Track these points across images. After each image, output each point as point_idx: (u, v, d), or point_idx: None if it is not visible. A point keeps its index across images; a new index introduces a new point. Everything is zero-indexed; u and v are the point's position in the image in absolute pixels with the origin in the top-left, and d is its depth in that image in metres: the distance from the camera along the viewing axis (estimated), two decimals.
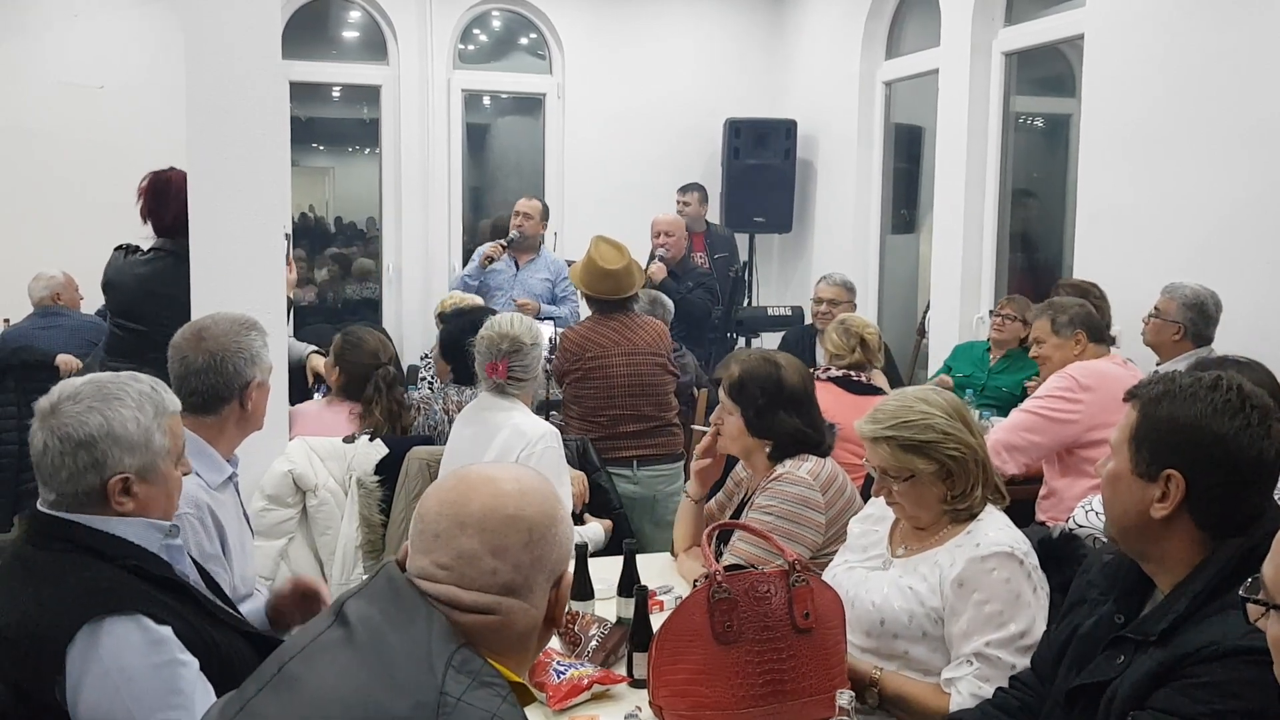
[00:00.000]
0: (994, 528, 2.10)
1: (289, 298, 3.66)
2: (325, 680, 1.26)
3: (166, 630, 1.73)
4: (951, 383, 4.85)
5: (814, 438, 2.71)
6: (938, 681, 2.07)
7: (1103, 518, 2.64)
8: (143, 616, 1.71)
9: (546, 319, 4.64)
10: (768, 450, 2.68)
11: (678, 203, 6.55)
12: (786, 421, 2.66)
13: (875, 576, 2.20)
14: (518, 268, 5.68)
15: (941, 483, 2.12)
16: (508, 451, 3.01)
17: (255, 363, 2.40)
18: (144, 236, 3.81)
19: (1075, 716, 1.69)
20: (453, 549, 1.32)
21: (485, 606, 1.31)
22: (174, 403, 1.91)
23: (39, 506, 1.80)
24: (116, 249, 3.87)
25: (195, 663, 1.76)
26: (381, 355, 3.76)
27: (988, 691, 1.97)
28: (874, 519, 2.35)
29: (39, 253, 5.37)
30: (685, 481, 4.15)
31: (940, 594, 2.07)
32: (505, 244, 5.63)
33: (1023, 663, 1.98)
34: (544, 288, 5.68)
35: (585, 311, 4.60)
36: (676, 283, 5.62)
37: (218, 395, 2.34)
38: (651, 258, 5.77)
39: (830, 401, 3.61)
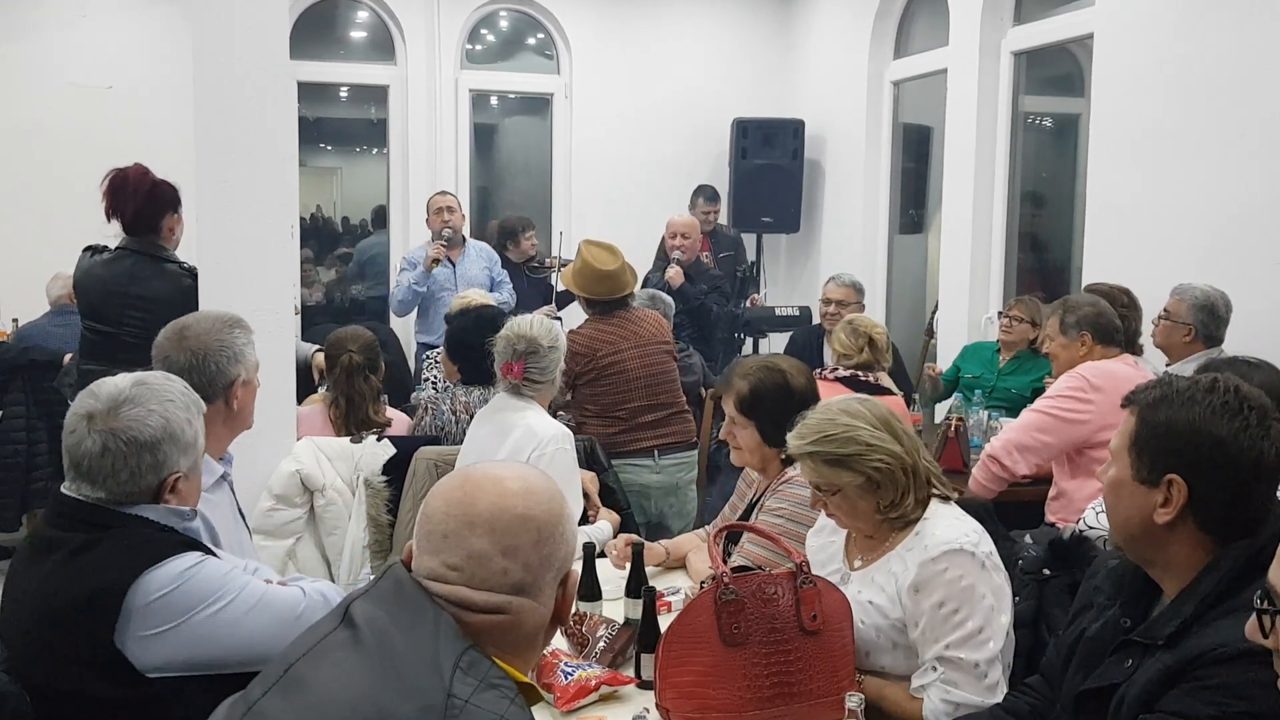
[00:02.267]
0: (941, 525, 2.09)
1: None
2: (332, 683, 1.26)
3: (195, 553, 1.84)
4: (939, 370, 4.86)
5: None
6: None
7: None
8: (179, 555, 1.81)
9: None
10: (783, 456, 2.68)
11: (704, 213, 6.49)
12: None
13: None
14: (453, 264, 5.73)
15: (871, 495, 2.11)
16: (518, 451, 3.01)
17: (239, 360, 2.39)
18: (112, 235, 3.81)
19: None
20: (463, 549, 1.31)
21: (496, 606, 1.31)
22: (203, 402, 1.98)
23: (72, 494, 1.83)
24: (84, 250, 3.87)
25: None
26: (350, 344, 3.76)
27: (957, 695, 1.98)
28: (829, 530, 2.34)
29: (47, 253, 5.38)
30: (697, 470, 4.20)
31: (900, 603, 2.07)
32: (444, 243, 5.68)
33: (983, 657, 1.98)
34: (484, 276, 5.74)
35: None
36: (691, 285, 5.61)
37: (202, 394, 2.29)
38: (667, 260, 5.73)
39: None
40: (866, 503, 2.12)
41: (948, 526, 2.08)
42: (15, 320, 5.76)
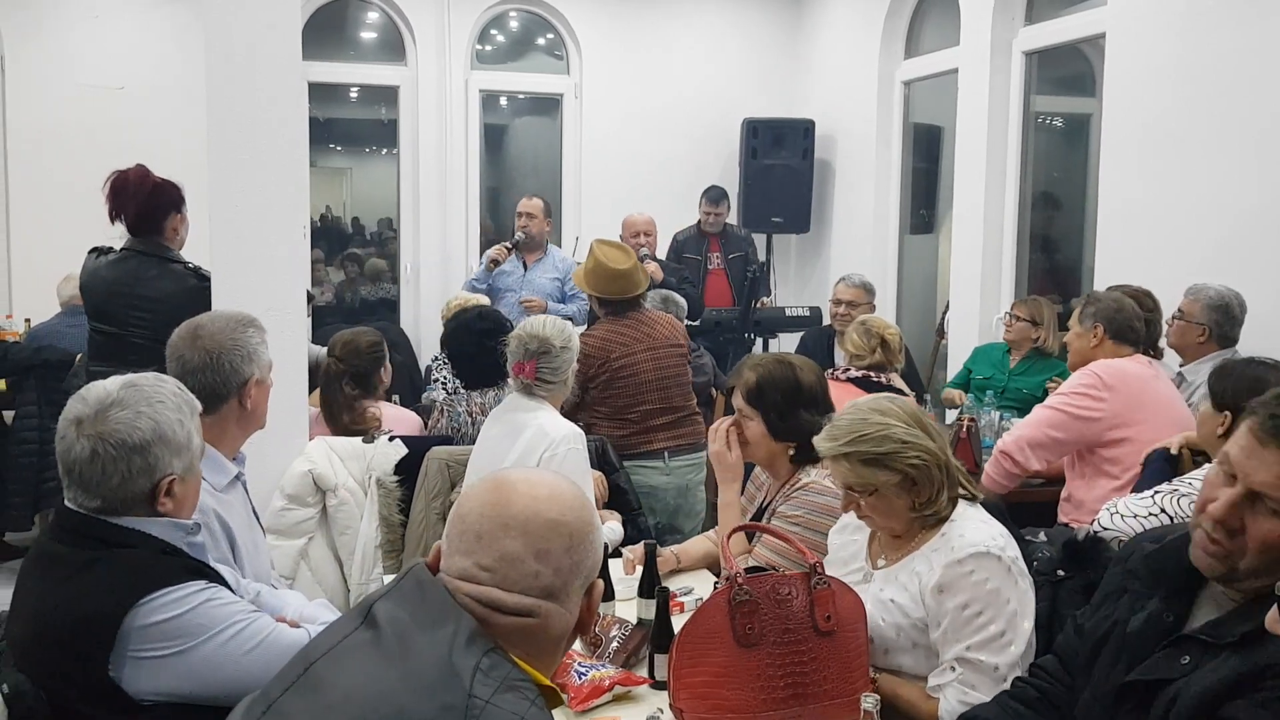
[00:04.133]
0: (969, 527, 2.08)
1: (309, 294, 3.68)
2: (353, 682, 1.26)
3: (199, 581, 1.83)
4: (964, 397, 4.81)
5: None
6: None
7: (1129, 520, 2.63)
8: (182, 584, 1.79)
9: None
10: (791, 453, 2.67)
11: (710, 214, 6.50)
12: (808, 421, 2.64)
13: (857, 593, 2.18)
14: (525, 268, 5.71)
15: (906, 493, 2.10)
16: (530, 451, 3.00)
17: (253, 360, 2.37)
18: (119, 235, 3.82)
19: (1124, 713, 1.63)
20: (495, 551, 1.32)
21: (525, 609, 1.31)
22: (198, 402, 1.95)
23: (71, 506, 1.82)
24: (90, 251, 3.88)
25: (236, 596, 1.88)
26: (336, 349, 3.77)
27: (973, 697, 1.96)
28: (852, 529, 2.34)
29: (61, 253, 5.40)
30: (706, 470, 4.19)
31: (922, 603, 2.06)
32: (510, 245, 5.66)
33: (1004, 661, 1.96)
34: (553, 287, 5.71)
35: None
36: (667, 277, 5.65)
37: (216, 394, 2.32)
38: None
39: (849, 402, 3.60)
40: (903, 500, 2.11)
41: (975, 529, 2.07)
42: (28, 320, 5.78)
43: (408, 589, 1.33)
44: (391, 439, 3.49)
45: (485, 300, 4.95)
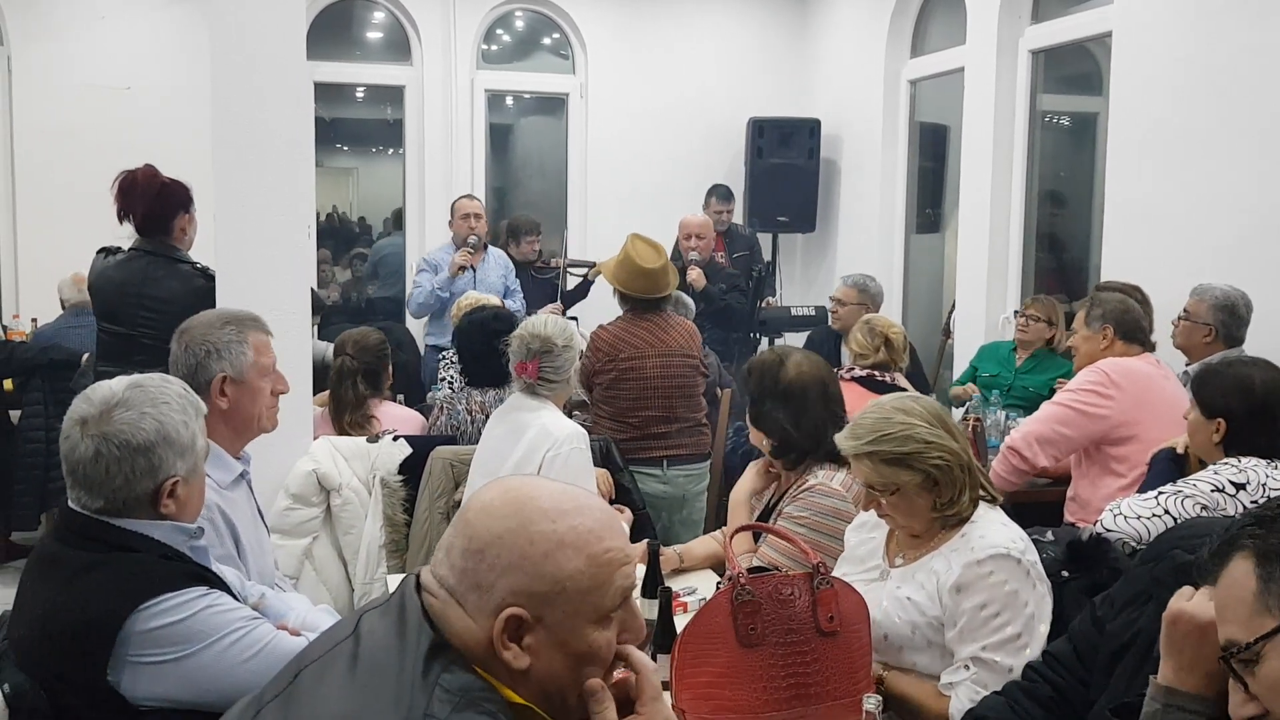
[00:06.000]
0: (989, 529, 2.08)
1: (313, 291, 3.68)
2: (323, 696, 1.24)
3: (201, 587, 1.82)
4: (975, 389, 4.80)
5: (796, 441, 2.65)
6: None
7: (1132, 522, 2.62)
8: (183, 590, 1.79)
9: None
10: (767, 446, 2.66)
11: (717, 213, 6.49)
12: (770, 416, 2.64)
13: (874, 590, 2.18)
14: (473, 270, 5.75)
15: (928, 493, 2.10)
16: (534, 451, 3.01)
17: (222, 357, 2.34)
18: (126, 236, 3.83)
19: None
20: (444, 533, 1.34)
21: (429, 587, 1.28)
22: (203, 404, 1.96)
23: (74, 508, 1.82)
24: (98, 252, 3.89)
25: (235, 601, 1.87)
26: (348, 347, 3.79)
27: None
28: (869, 526, 2.34)
29: (67, 253, 5.41)
30: (709, 479, 4.17)
31: (939, 602, 2.06)
32: (470, 250, 5.70)
33: (1018, 663, 1.95)
34: (501, 284, 5.77)
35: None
36: (710, 285, 5.61)
37: (197, 391, 2.32)
38: (681, 262, 5.71)
39: (854, 401, 3.58)
40: (924, 500, 2.11)
41: (996, 531, 2.07)
42: (34, 320, 5.80)
43: (394, 603, 1.30)
44: (396, 439, 3.50)
45: (497, 301, 4.95)
